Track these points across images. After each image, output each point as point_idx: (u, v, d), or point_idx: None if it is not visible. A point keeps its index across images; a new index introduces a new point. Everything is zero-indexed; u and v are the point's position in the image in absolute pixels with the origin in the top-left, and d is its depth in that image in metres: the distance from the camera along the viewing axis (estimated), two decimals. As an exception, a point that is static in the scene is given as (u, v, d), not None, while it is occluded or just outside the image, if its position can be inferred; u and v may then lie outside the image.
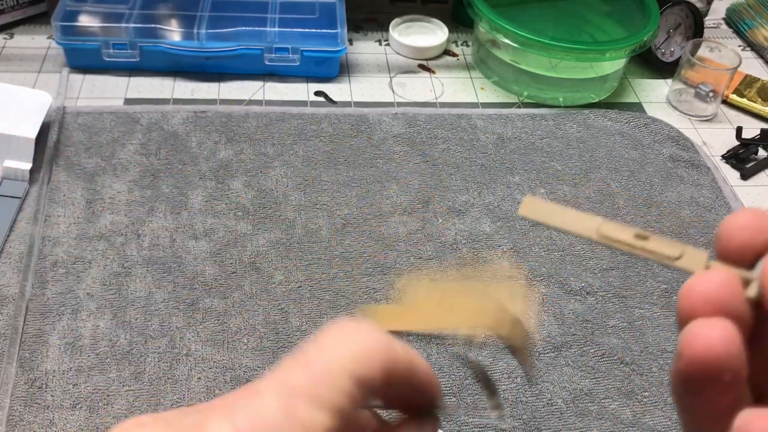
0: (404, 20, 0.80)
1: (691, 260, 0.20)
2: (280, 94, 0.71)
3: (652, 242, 0.20)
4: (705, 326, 0.17)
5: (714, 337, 0.17)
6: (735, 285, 0.18)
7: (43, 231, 0.55)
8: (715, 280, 0.18)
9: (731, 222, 0.19)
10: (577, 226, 0.20)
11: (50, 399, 0.45)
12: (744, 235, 0.19)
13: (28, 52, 0.73)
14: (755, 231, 0.19)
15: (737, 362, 0.17)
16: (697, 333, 0.17)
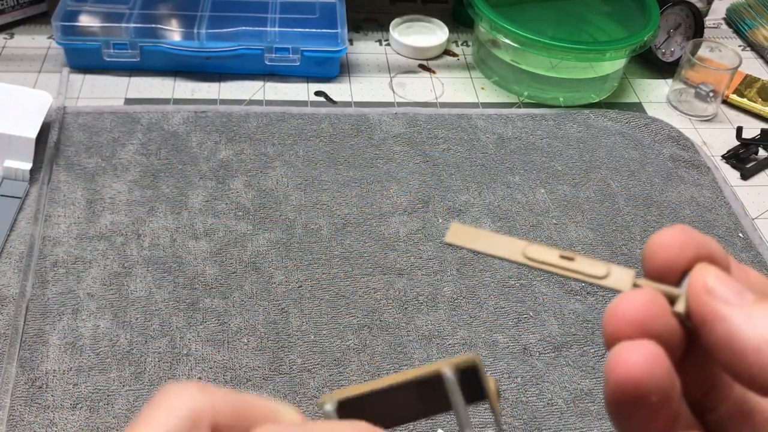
0: (404, 20, 0.80)
1: (618, 279, 0.20)
2: (280, 94, 0.71)
3: (578, 263, 0.20)
4: (627, 350, 0.17)
5: (636, 360, 0.17)
6: (660, 303, 0.18)
7: (44, 231, 0.55)
8: (639, 300, 0.18)
9: (655, 240, 0.19)
10: (504, 250, 0.20)
11: (50, 399, 0.45)
12: (669, 253, 0.19)
13: (28, 52, 0.73)
14: (679, 248, 0.19)
15: (664, 384, 0.17)
16: (620, 357, 0.17)
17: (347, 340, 0.50)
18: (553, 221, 0.60)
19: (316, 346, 0.50)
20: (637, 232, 0.60)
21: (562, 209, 0.62)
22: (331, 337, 0.50)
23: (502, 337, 0.52)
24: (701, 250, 0.19)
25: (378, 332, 0.51)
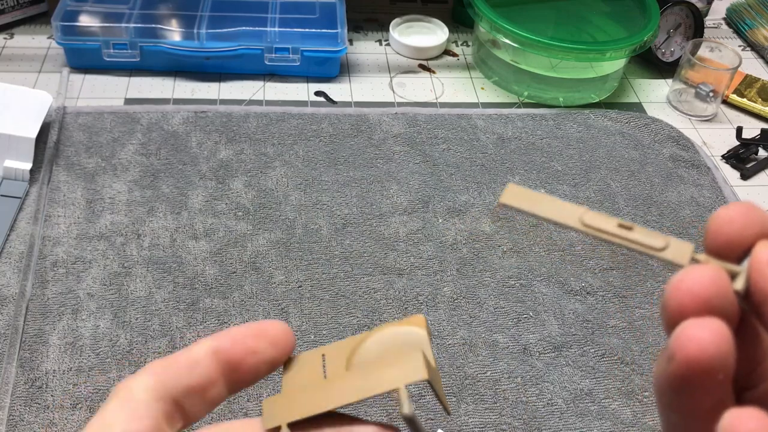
0: (404, 20, 0.80)
1: (677, 252, 0.19)
2: (280, 94, 0.71)
3: (636, 233, 0.19)
4: (698, 326, 0.17)
5: (708, 338, 0.17)
6: (723, 280, 0.18)
7: (44, 231, 0.55)
8: (704, 275, 0.18)
9: (720, 215, 0.19)
10: (561, 215, 0.20)
11: (50, 399, 0.45)
12: (733, 229, 0.19)
13: (28, 52, 0.73)
14: (744, 224, 0.19)
15: (730, 362, 0.17)
16: (691, 333, 0.17)
17: (347, 340, 0.50)
18: (553, 221, 0.60)
19: (316, 346, 0.50)
20: (637, 232, 0.60)
21: (562, 209, 0.61)
22: (331, 337, 0.50)
23: (502, 337, 0.52)
24: (766, 228, 0.19)
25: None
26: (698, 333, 0.17)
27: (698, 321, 0.17)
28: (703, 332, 0.17)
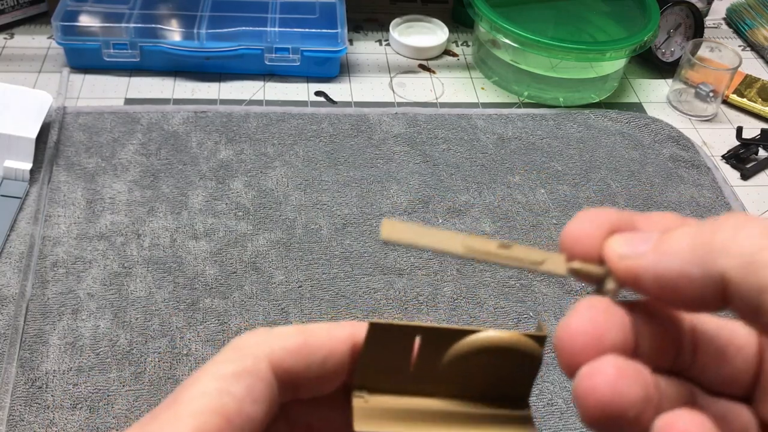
0: (404, 20, 0.80)
1: (554, 264, 0.20)
2: (280, 94, 0.71)
3: (516, 250, 0.20)
4: (594, 373, 0.17)
5: (606, 382, 0.17)
6: (604, 308, 0.18)
7: (44, 231, 0.55)
8: (587, 315, 0.18)
9: (566, 236, 0.20)
10: (443, 243, 0.20)
11: (50, 399, 0.45)
12: (583, 245, 0.20)
13: (28, 52, 0.73)
14: (589, 237, 0.20)
15: (638, 396, 0.17)
16: (589, 382, 0.17)
17: (347, 340, 0.50)
18: (553, 221, 0.60)
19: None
20: (637, 232, 0.60)
21: (562, 209, 0.62)
22: (331, 337, 0.50)
23: (502, 337, 0.52)
24: (608, 228, 0.20)
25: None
26: (596, 380, 0.17)
27: (595, 366, 0.17)
28: (600, 377, 0.17)
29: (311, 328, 0.22)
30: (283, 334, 0.21)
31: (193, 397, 0.20)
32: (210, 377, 0.20)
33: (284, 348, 0.21)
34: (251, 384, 0.20)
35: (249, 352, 0.21)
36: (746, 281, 0.16)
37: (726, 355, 0.20)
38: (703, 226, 0.18)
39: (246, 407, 0.20)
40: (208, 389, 0.20)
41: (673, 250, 0.18)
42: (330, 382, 0.22)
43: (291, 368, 0.21)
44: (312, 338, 0.22)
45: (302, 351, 0.21)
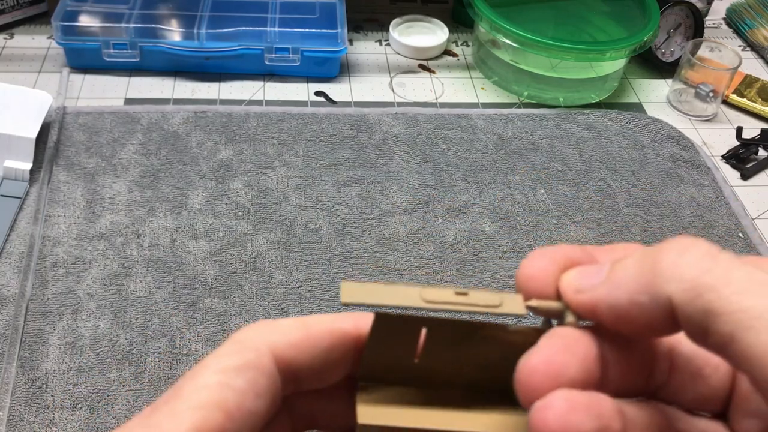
0: (404, 20, 0.80)
1: (512, 305, 0.21)
2: (280, 94, 0.71)
3: (472, 296, 0.20)
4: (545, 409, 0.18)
5: (556, 418, 0.17)
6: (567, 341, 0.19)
7: (44, 231, 0.55)
8: (546, 352, 0.19)
9: (521, 276, 0.21)
10: (402, 298, 0.20)
11: (50, 399, 0.45)
12: (538, 284, 0.20)
13: (28, 52, 0.73)
14: (543, 275, 0.20)
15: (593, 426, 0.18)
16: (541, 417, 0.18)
17: (347, 340, 0.50)
18: (553, 221, 0.60)
19: (316, 346, 0.50)
20: (637, 232, 0.60)
21: (562, 209, 0.62)
22: (331, 337, 0.50)
23: (502, 337, 0.52)
24: (563, 264, 0.20)
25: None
26: (545, 417, 0.18)
27: (544, 404, 0.18)
28: (549, 415, 0.17)
29: (313, 319, 0.22)
30: (285, 326, 0.21)
31: (193, 390, 0.20)
32: (211, 371, 0.20)
33: (287, 341, 0.21)
34: (253, 378, 0.20)
35: (251, 345, 0.21)
36: (691, 305, 0.17)
37: (703, 374, 0.20)
38: (649, 252, 0.18)
39: (248, 402, 0.20)
40: (209, 383, 0.20)
41: (622, 279, 0.18)
42: (333, 374, 0.22)
43: (293, 361, 0.21)
44: (314, 330, 0.21)
45: (305, 343, 0.21)
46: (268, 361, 0.20)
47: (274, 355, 0.21)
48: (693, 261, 0.17)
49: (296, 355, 0.21)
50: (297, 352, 0.21)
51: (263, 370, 0.20)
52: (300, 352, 0.21)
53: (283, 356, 0.21)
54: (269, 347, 0.21)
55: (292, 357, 0.21)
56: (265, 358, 0.20)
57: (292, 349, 0.21)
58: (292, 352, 0.21)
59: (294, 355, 0.21)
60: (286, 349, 0.21)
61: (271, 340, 0.21)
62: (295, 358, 0.21)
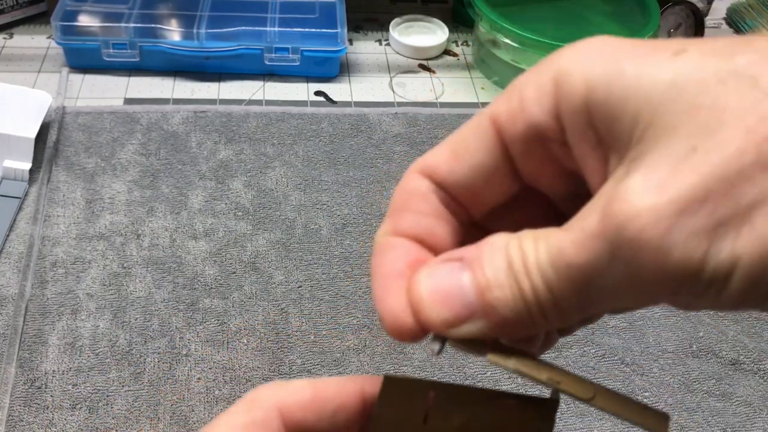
0: (404, 20, 0.80)
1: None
2: (280, 94, 0.71)
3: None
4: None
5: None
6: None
7: (43, 231, 0.55)
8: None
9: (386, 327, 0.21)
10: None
11: (50, 399, 0.45)
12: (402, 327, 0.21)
13: (27, 52, 0.73)
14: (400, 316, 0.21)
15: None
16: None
17: (347, 341, 0.50)
18: (554, 221, 0.60)
19: (315, 346, 0.50)
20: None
21: (563, 209, 0.61)
22: (330, 337, 0.50)
23: (502, 337, 0.51)
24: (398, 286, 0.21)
25: (378, 332, 0.51)
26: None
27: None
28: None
29: (322, 382, 0.22)
30: (295, 387, 0.22)
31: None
32: (223, 428, 0.21)
33: (295, 401, 0.22)
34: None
35: (260, 404, 0.21)
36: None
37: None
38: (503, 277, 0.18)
39: None
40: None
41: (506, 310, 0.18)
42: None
43: (301, 421, 0.22)
44: (322, 392, 0.22)
45: (313, 404, 0.22)
46: (275, 418, 0.21)
47: (283, 414, 0.21)
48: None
49: (304, 416, 0.22)
50: (305, 412, 0.22)
51: (271, 427, 0.21)
52: (308, 413, 0.22)
53: (291, 416, 0.21)
54: (278, 406, 0.21)
55: (300, 417, 0.22)
56: (272, 415, 0.21)
57: (301, 410, 0.22)
58: (300, 412, 0.22)
59: (302, 416, 0.22)
60: (294, 410, 0.22)
61: (280, 400, 0.22)
62: (303, 418, 0.22)
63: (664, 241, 0.15)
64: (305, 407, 0.22)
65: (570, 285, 0.17)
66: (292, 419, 0.22)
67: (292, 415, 0.22)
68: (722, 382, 0.50)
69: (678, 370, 0.50)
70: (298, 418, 0.22)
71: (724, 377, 0.50)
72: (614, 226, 0.16)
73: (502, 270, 0.18)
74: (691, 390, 0.49)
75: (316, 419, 0.22)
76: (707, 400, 0.49)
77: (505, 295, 0.18)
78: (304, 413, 0.22)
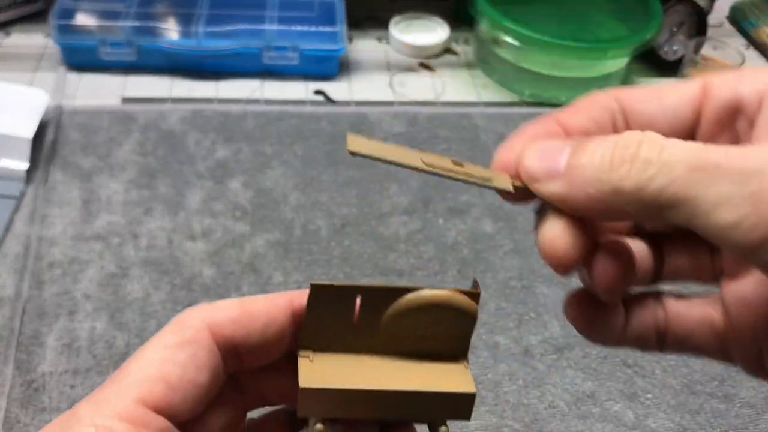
0: (404, 18, 0.80)
1: (500, 181, 0.22)
2: (278, 93, 0.71)
3: (467, 167, 0.22)
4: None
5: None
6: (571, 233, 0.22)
7: (40, 231, 0.55)
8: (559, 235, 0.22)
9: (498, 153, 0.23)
10: (405, 158, 0.21)
11: (47, 401, 0.45)
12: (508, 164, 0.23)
13: (24, 51, 0.73)
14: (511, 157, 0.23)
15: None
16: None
17: (346, 342, 0.50)
18: (555, 221, 0.60)
19: (314, 347, 0.49)
20: (639, 233, 0.60)
21: (564, 209, 0.61)
22: (330, 338, 0.50)
23: (503, 338, 0.51)
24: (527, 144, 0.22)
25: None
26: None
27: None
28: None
29: (251, 298, 0.24)
30: (223, 305, 0.23)
31: (137, 367, 0.21)
32: (153, 348, 0.22)
33: (224, 317, 0.23)
34: (193, 352, 0.22)
35: (190, 324, 0.22)
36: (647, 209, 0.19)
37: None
38: (606, 155, 0.19)
39: (189, 374, 0.21)
40: (152, 359, 0.21)
41: (580, 180, 0.20)
42: (273, 349, 0.23)
43: (232, 336, 0.23)
44: (251, 307, 0.23)
45: (242, 319, 0.23)
46: (206, 336, 0.22)
47: (212, 331, 0.22)
48: (642, 169, 0.18)
49: (234, 330, 0.23)
50: (235, 327, 0.23)
51: (202, 344, 0.22)
52: (238, 327, 0.23)
53: (221, 332, 0.22)
54: (207, 324, 0.22)
55: (230, 332, 0.23)
56: (203, 334, 0.22)
57: (230, 324, 0.23)
58: (229, 327, 0.23)
59: (232, 330, 0.23)
60: (223, 325, 0.23)
61: (210, 318, 0.23)
62: (233, 333, 0.23)
63: None
64: (234, 322, 0.23)
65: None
66: (222, 335, 0.22)
67: (222, 331, 0.22)
68: (725, 383, 0.49)
69: (680, 372, 0.50)
70: (228, 333, 0.22)
71: (727, 379, 0.50)
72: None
73: (602, 144, 0.20)
74: (694, 392, 0.49)
75: (246, 334, 0.23)
76: (710, 402, 0.48)
77: (591, 161, 0.20)
78: (234, 328, 0.22)
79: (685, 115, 0.23)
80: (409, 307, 0.22)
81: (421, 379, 0.22)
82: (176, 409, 0.21)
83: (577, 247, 0.21)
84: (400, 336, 0.23)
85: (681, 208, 0.18)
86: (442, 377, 0.23)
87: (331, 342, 0.23)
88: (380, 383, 0.22)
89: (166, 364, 0.21)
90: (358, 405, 0.22)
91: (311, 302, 0.22)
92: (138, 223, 0.56)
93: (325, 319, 0.22)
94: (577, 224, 0.21)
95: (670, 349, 0.24)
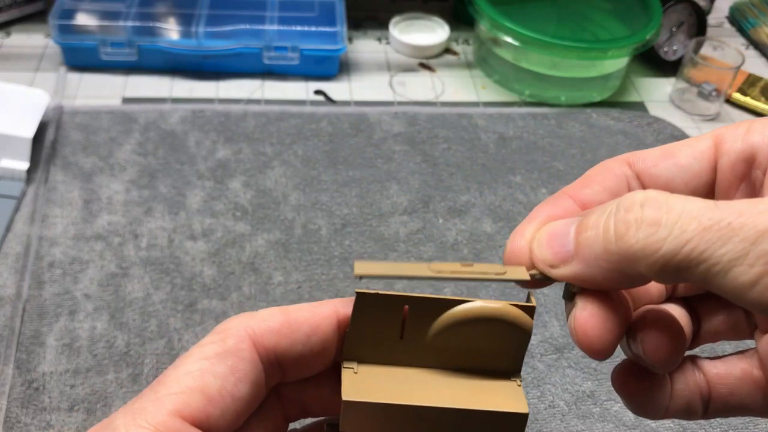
0: (404, 18, 0.80)
1: (515, 273, 0.21)
2: (279, 93, 0.71)
3: (477, 267, 0.21)
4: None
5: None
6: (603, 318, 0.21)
7: (40, 231, 0.55)
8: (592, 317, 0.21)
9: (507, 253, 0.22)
10: (412, 270, 0.21)
11: (47, 401, 0.45)
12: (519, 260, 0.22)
13: (25, 51, 0.73)
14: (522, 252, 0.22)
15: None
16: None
17: (347, 342, 0.50)
18: (555, 221, 0.60)
19: (315, 347, 0.49)
20: (639, 232, 0.60)
21: (564, 209, 0.61)
22: (330, 338, 0.50)
23: (503, 338, 0.51)
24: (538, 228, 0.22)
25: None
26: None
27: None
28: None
29: (294, 307, 0.23)
30: (266, 314, 0.22)
31: (176, 377, 0.21)
32: (194, 358, 0.21)
33: (267, 328, 0.22)
34: (234, 363, 0.21)
35: (231, 334, 0.22)
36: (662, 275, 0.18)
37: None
38: (608, 224, 0.19)
39: (229, 386, 0.21)
40: (191, 369, 0.21)
41: (590, 256, 0.20)
42: (317, 361, 0.23)
43: (275, 347, 0.22)
44: (294, 316, 0.22)
45: (285, 329, 0.22)
46: (248, 347, 0.21)
47: (255, 341, 0.22)
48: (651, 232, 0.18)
49: (277, 341, 0.22)
50: (278, 338, 0.22)
51: (243, 355, 0.21)
52: (281, 338, 0.22)
53: (263, 342, 0.22)
54: (249, 334, 0.22)
55: (273, 343, 0.22)
56: (244, 344, 0.21)
57: (273, 335, 0.22)
58: (272, 338, 0.22)
59: (275, 341, 0.22)
60: (266, 336, 0.22)
61: (252, 328, 0.22)
62: (276, 344, 0.22)
63: None
64: (277, 333, 0.22)
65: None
66: (265, 346, 0.22)
67: (265, 341, 0.22)
68: (725, 383, 0.50)
69: (680, 372, 0.50)
70: (270, 344, 0.22)
71: (727, 378, 0.50)
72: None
73: (604, 215, 0.20)
74: (694, 391, 0.49)
75: (290, 343, 0.22)
76: (710, 402, 0.48)
77: (596, 235, 0.19)
78: (277, 338, 0.22)
79: (702, 172, 0.22)
80: (458, 320, 0.21)
81: (471, 397, 0.21)
82: (214, 422, 0.20)
83: (612, 331, 0.20)
84: (449, 349, 0.22)
85: (696, 269, 0.18)
86: (492, 395, 0.21)
87: (377, 353, 0.22)
88: (427, 400, 0.21)
89: (206, 376, 0.20)
90: (403, 421, 0.21)
91: (356, 311, 0.21)
92: (138, 223, 0.56)
93: (370, 330, 0.21)
94: (607, 302, 0.21)
95: (714, 413, 0.23)
